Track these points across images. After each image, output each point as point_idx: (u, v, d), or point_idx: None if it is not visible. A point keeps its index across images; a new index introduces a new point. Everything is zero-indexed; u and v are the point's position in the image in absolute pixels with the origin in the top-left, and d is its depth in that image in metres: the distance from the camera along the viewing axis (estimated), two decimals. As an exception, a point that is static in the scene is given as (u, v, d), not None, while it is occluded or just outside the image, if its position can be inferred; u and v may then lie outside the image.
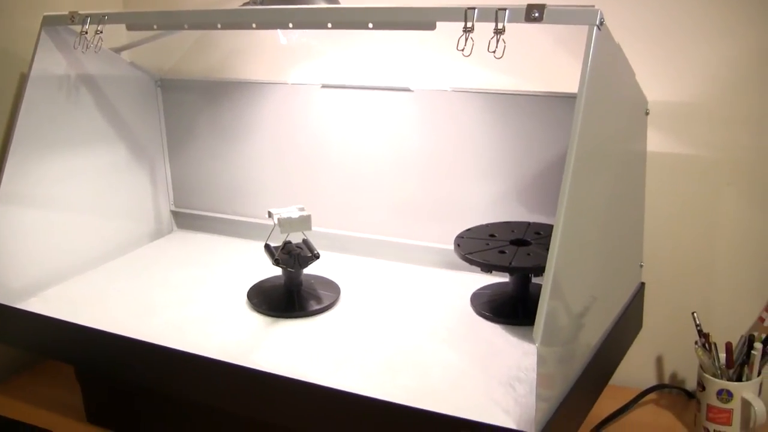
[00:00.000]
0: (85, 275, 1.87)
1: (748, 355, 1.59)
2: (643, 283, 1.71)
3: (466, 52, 1.27)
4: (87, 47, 1.64)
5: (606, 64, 1.29)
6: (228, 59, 2.09)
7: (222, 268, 1.89)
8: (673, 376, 1.84)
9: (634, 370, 1.83)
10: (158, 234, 2.14)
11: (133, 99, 2.04)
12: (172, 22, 1.64)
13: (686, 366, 1.81)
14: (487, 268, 1.53)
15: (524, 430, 1.19)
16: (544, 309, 1.14)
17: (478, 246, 1.60)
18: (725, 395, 1.58)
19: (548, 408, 1.22)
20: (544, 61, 1.73)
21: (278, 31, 1.95)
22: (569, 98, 1.57)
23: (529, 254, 1.56)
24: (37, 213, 1.78)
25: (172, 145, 2.14)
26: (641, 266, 1.71)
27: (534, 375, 1.19)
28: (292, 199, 1.72)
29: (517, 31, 1.25)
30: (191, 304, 1.70)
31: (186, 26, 1.60)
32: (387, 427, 1.31)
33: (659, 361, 1.84)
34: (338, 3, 1.73)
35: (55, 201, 1.82)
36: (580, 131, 1.19)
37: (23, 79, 1.85)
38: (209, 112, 2.06)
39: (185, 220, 2.18)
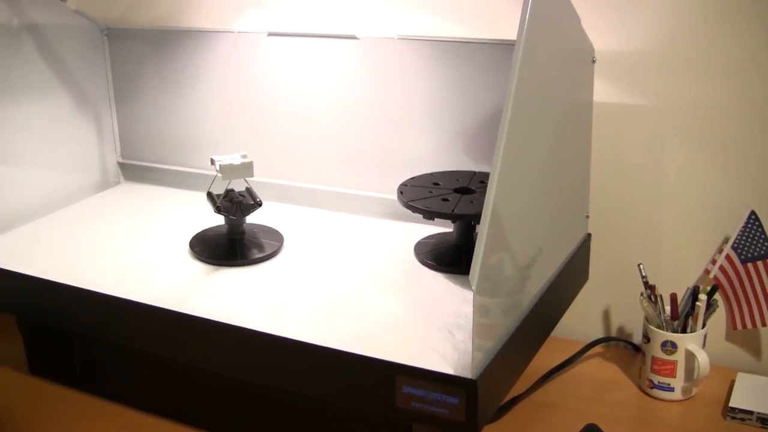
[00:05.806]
0: (27, 226, 1.84)
1: (693, 307, 1.59)
2: (589, 234, 1.71)
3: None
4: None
5: (548, 9, 1.27)
6: (175, 7, 2.05)
7: (167, 218, 1.87)
8: (620, 329, 1.84)
9: (581, 322, 1.83)
10: (104, 185, 2.11)
11: (78, 48, 2.00)
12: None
13: (633, 319, 1.81)
14: (429, 215, 1.51)
15: (461, 375, 1.19)
16: (481, 252, 1.13)
17: (421, 194, 1.59)
18: (669, 347, 1.58)
19: (485, 355, 1.21)
20: (494, 8, 1.70)
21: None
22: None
23: (472, 202, 1.55)
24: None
25: (119, 96, 2.10)
26: (587, 217, 1.70)
27: (473, 322, 1.18)
28: (238, 149, 1.69)
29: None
30: (133, 252, 1.68)
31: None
32: (323, 373, 1.30)
33: (606, 314, 1.84)
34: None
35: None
36: (518, 77, 1.18)
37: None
38: (156, 62, 2.02)
39: (132, 171, 2.15)
